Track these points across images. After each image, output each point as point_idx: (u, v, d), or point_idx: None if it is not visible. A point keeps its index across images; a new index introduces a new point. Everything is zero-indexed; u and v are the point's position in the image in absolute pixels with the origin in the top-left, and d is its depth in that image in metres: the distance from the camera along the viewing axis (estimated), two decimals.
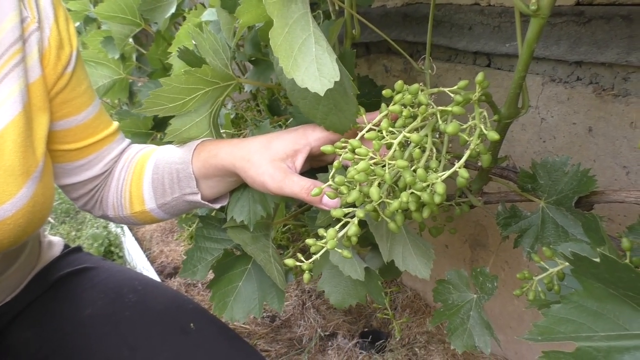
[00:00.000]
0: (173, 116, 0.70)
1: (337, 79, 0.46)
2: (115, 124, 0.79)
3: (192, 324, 0.82)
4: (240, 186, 0.74)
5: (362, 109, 0.59)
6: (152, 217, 0.77)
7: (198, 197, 0.71)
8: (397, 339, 1.47)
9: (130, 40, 1.50)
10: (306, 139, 0.63)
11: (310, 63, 0.46)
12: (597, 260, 0.34)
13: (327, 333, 1.55)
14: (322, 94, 0.45)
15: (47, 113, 0.66)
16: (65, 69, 0.68)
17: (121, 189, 0.77)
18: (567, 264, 0.49)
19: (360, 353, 1.46)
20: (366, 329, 1.56)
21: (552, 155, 0.62)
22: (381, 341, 1.47)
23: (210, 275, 0.79)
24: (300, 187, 0.60)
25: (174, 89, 0.63)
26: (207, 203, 0.72)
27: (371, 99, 0.77)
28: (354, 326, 1.58)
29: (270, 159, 0.62)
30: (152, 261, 2.01)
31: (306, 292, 1.72)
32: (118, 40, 1.33)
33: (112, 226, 2.36)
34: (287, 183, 0.61)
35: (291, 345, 1.53)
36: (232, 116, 1.25)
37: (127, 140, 0.82)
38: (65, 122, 0.71)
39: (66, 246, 0.98)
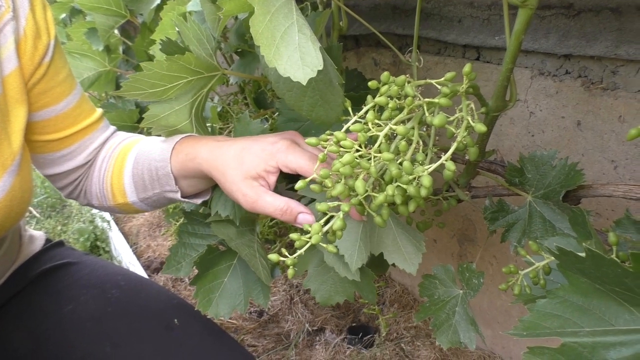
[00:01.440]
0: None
1: (321, 68, 0.45)
2: (99, 111, 0.78)
3: (176, 320, 0.81)
4: None
5: (347, 101, 0.58)
6: (135, 208, 0.77)
7: (178, 195, 0.70)
8: (385, 334, 1.47)
9: (116, 32, 1.47)
10: (275, 162, 0.61)
11: (293, 51, 0.45)
12: (583, 255, 0.34)
13: (314, 328, 1.55)
14: (304, 83, 0.44)
15: (25, 105, 0.64)
16: (43, 59, 0.66)
17: (102, 180, 0.76)
18: (553, 258, 0.49)
19: (348, 348, 1.45)
20: (354, 324, 1.55)
21: (540, 149, 0.61)
22: (369, 336, 1.47)
23: (196, 272, 0.78)
24: (274, 207, 0.59)
25: (154, 74, 0.61)
26: (188, 200, 0.72)
27: (359, 92, 0.76)
28: (342, 321, 1.57)
29: (243, 177, 0.61)
30: (138, 256, 1.99)
31: (294, 287, 1.72)
32: (102, 31, 1.30)
33: (98, 221, 2.34)
34: (260, 204, 0.60)
35: (279, 340, 1.53)
36: (218, 109, 1.23)
37: (112, 128, 0.80)
38: (44, 112, 0.69)
39: (48, 240, 0.96)
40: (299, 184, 0.53)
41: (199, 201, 0.73)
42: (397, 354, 1.41)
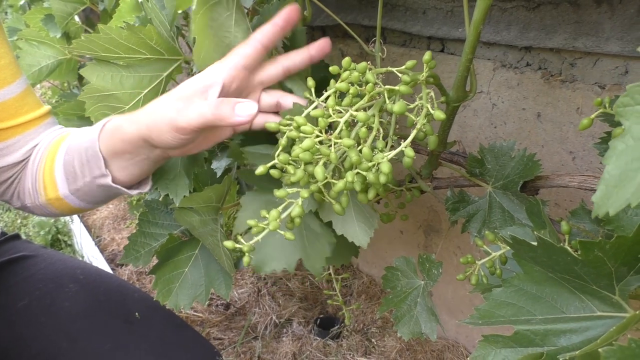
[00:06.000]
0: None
1: None
2: (46, 108, 0.72)
3: (137, 313, 0.79)
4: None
5: (311, 82, 0.57)
6: (68, 205, 0.68)
7: (108, 180, 0.62)
8: (352, 325, 1.48)
9: (77, 19, 1.42)
10: (217, 70, 0.54)
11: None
12: (535, 243, 0.34)
13: (282, 320, 1.54)
14: None
15: None
16: None
17: (36, 173, 0.69)
18: (509, 248, 0.49)
19: (315, 339, 1.45)
20: (322, 315, 1.55)
21: (500, 140, 0.62)
22: (336, 327, 1.47)
23: (155, 261, 0.76)
24: (208, 105, 0.53)
25: (111, 40, 0.58)
26: (121, 187, 0.64)
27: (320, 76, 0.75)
28: (310, 313, 1.57)
29: (176, 98, 0.55)
30: (102, 249, 1.94)
31: (262, 279, 1.71)
32: (59, 18, 1.25)
33: None
34: (192, 108, 0.53)
35: (245, 333, 1.52)
36: None
37: (58, 127, 0.74)
38: None
39: (2, 234, 0.92)
40: (259, 170, 0.52)
41: (134, 192, 0.66)
42: (364, 344, 1.42)
